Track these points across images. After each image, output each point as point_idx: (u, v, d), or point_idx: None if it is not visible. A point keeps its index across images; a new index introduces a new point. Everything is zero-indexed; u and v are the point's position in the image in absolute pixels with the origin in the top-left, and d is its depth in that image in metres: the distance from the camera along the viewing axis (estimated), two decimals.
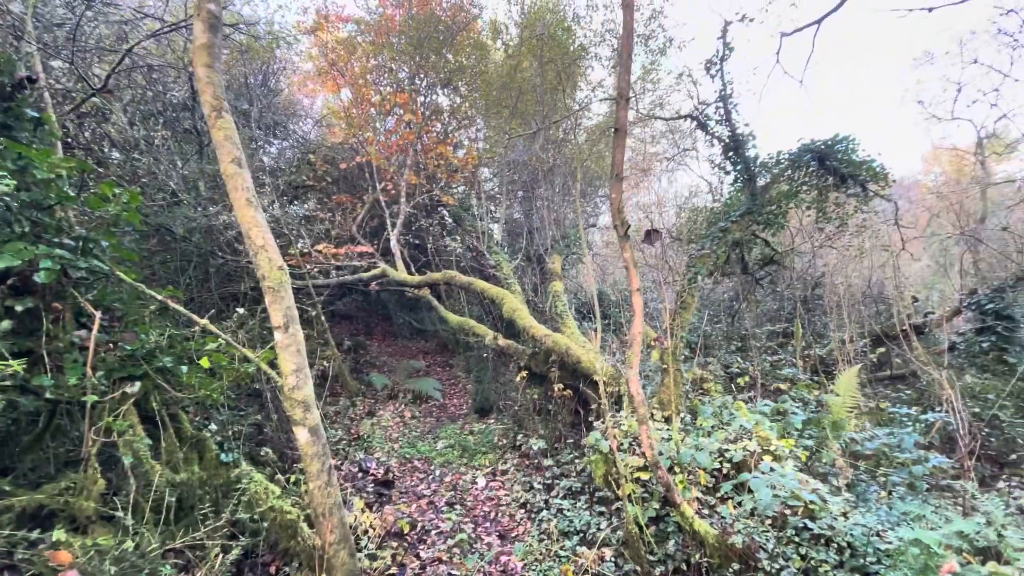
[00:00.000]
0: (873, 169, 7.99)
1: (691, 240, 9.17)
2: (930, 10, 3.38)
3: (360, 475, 7.43)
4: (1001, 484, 5.82)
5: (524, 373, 7.96)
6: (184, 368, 4.18)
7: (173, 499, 4.03)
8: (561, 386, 7.19)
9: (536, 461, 7.48)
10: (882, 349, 9.63)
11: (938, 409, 6.93)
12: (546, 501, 6.22)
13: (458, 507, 6.54)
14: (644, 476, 5.28)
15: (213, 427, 5.30)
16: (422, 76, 12.10)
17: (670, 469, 5.32)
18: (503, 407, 9.45)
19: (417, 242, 11.87)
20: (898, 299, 9.61)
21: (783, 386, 8.38)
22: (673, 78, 10.22)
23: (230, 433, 5.84)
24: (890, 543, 4.24)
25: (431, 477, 7.63)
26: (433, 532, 5.87)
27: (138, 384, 3.86)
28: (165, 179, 7.85)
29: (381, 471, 7.42)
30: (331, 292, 12.30)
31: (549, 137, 11.44)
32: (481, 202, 10.93)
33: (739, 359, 9.57)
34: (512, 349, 8.07)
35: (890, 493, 5.75)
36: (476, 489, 7.11)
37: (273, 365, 3.99)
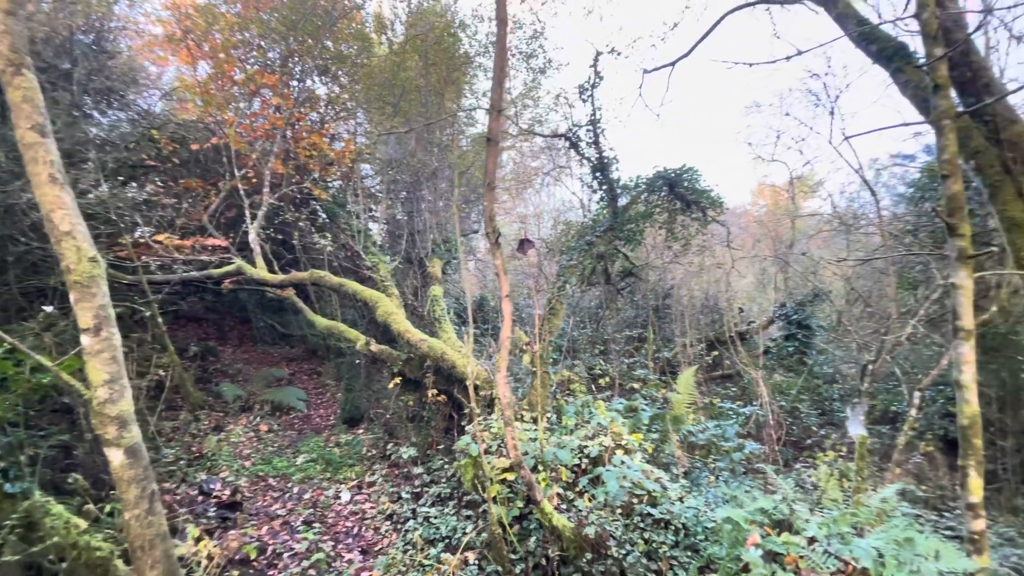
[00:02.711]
0: (711, 197, 9.27)
1: (563, 251, 9.76)
2: (751, 64, 4.07)
3: (201, 499, 6.57)
4: (798, 465, 7.06)
5: (398, 379, 7.73)
6: None
7: None
8: (435, 391, 7.12)
9: (406, 470, 7.30)
10: (716, 352, 11.18)
11: (754, 403, 8.23)
12: (413, 510, 6.08)
13: (317, 525, 6.10)
14: (510, 477, 5.44)
15: None
16: (296, 59, 11.23)
17: (535, 468, 5.55)
18: (374, 416, 9.07)
19: (282, 238, 10.90)
20: (728, 310, 11.27)
21: (636, 385, 9.27)
22: (552, 98, 10.84)
23: (22, 458, 4.77)
24: (714, 521, 4.90)
25: (288, 495, 7.02)
26: (286, 555, 5.39)
27: None
28: None
29: (227, 492, 6.63)
30: (174, 290, 10.78)
31: (434, 140, 11.35)
32: (359, 199, 10.41)
33: (601, 361, 10.38)
34: (386, 355, 7.79)
35: (717, 478, 6.66)
36: (339, 504, 6.70)
37: (83, 375, 3.34)
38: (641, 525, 5.13)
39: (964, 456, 3.22)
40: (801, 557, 2.98)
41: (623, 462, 5.60)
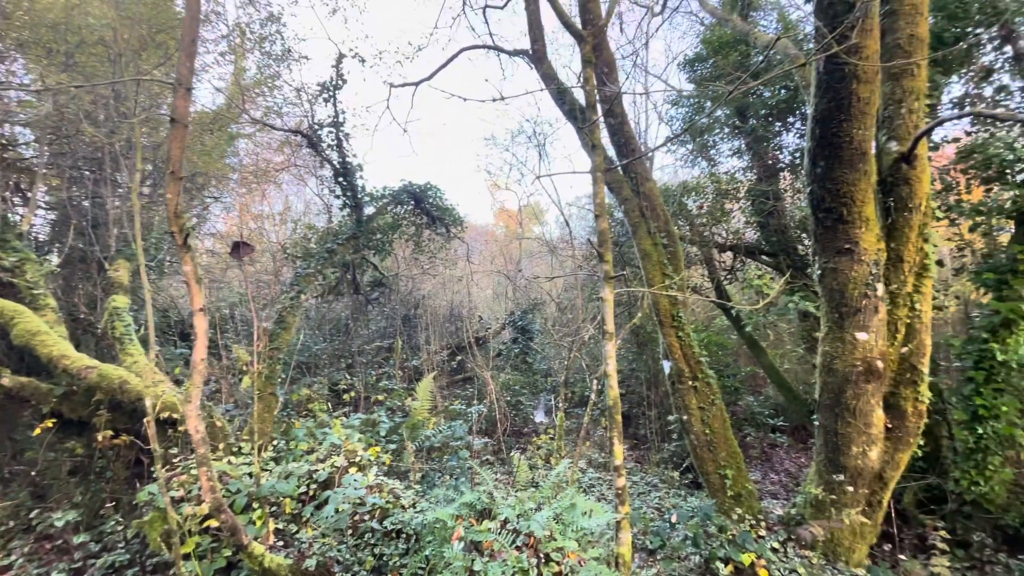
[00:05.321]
0: (454, 215, 9.97)
1: (301, 257, 9.00)
2: (464, 99, 4.51)
3: None
4: (513, 452, 8.08)
5: (51, 422, 5.76)
6: None
7: None
8: (111, 433, 5.57)
9: (62, 541, 5.48)
10: (459, 357, 12.03)
11: (485, 401, 9.11)
12: None
13: None
14: (216, 523, 4.63)
15: None
16: None
17: (248, 506, 4.88)
18: (12, 475, 6.54)
19: None
20: (468, 318, 12.32)
21: (381, 397, 9.19)
22: (292, 90, 9.91)
23: None
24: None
25: None
26: None
27: None
28: None
29: None
30: None
31: (124, 110, 9.03)
32: None
33: (347, 376, 9.95)
34: (30, 390, 5.70)
35: (451, 476, 7.08)
36: None
37: None
38: (372, 541, 5.04)
39: (609, 429, 4.18)
40: (494, 540, 3.38)
41: (355, 481, 5.42)
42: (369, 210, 8.84)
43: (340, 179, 8.26)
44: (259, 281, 10.60)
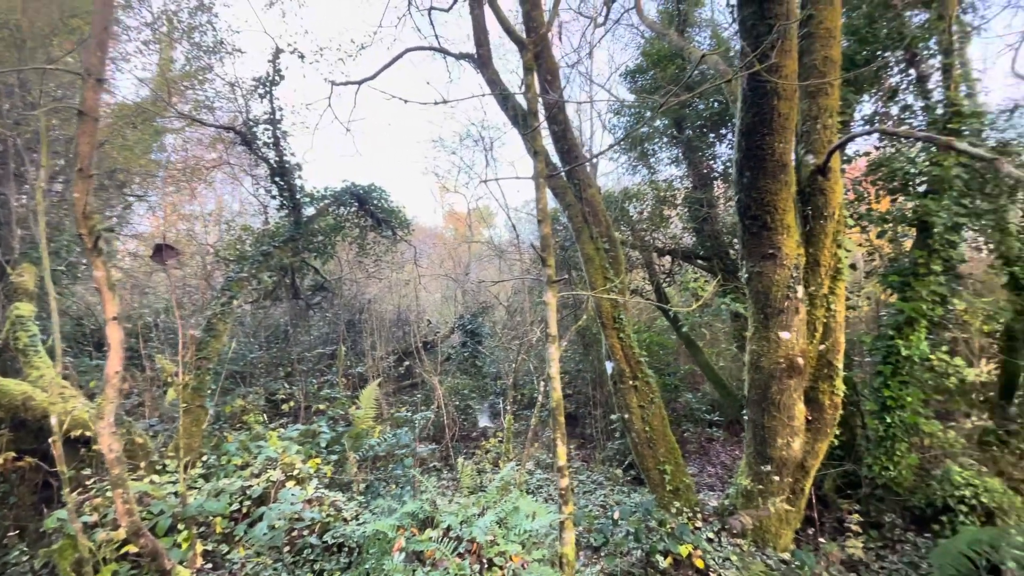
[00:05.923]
0: (400, 217, 9.79)
1: (234, 260, 8.53)
2: (405, 101, 4.46)
3: None
4: (461, 458, 8.02)
5: None
6: None
7: None
8: (13, 455, 5.04)
9: None
10: (407, 362, 11.80)
11: (433, 407, 8.99)
12: None
13: None
14: (135, 548, 4.29)
15: None
16: None
17: (172, 528, 4.55)
18: None
19: None
20: (416, 323, 12.13)
21: (323, 406, 8.86)
22: (225, 85, 9.37)
23: None
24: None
25: None
26: None
27: None
28: None
29: None
30: None
31: (33, 100, 8.25)
32: None
33: (285, 385, 9.51)
34: None
35: (397, 485, 6.92)
36: None
37: None
38: (311, 557, 4.84)
39: (553, 430, 4.24)
40: (436, 549, 3.33)
41: (292, 495, 5.19)
42: (309, 211, 8.51)
43: (277, 178, 7.90)
44: (188, 286, 9.94)
